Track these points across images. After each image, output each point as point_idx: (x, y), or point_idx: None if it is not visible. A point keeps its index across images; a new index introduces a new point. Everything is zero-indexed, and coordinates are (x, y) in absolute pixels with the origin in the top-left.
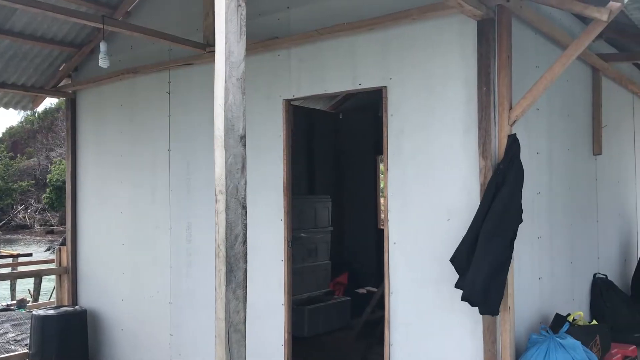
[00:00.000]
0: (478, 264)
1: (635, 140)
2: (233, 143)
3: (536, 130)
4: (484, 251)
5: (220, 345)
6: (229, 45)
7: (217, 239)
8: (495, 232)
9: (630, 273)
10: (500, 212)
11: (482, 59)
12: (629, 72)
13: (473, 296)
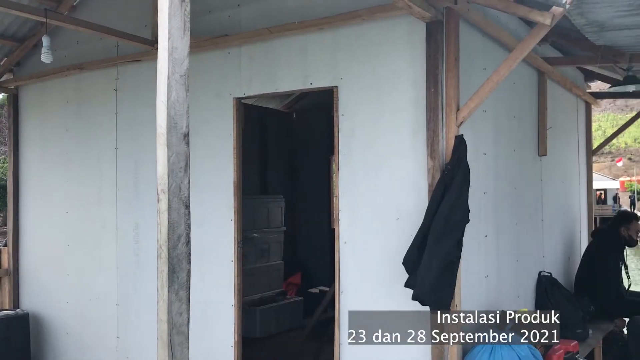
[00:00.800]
0: (427, 263)
1: (578, 142)
2: (176, 141)
3: (483, 131)
4: (433, 251)
5: (162, 347)
6: (172, 41)
7: (159, 240)
8: (444, 231)
9: (574, 271)
10: (447, 212)
11: (430, 60)
12: (573, 75)
13: (423, 295)
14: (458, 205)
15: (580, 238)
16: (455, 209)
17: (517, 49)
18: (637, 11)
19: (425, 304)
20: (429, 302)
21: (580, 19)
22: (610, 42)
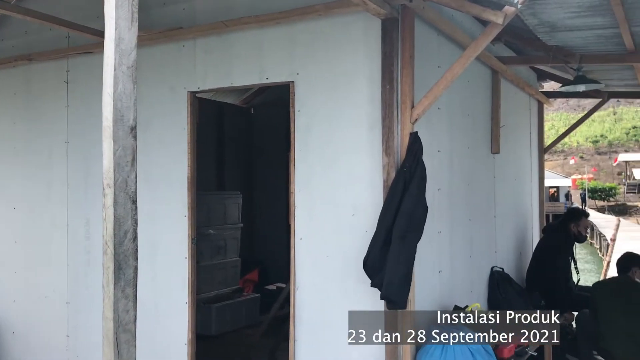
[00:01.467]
0: (394, 263)
1: (530, 140)
2: (122, 134)
3: (437, 128)
4: (400, 249)
5: (108, 346)
6: (119, 31)
7: (104, 235)
8: (408, 230)
9: (525, 266)
10: (411, 210)
11: (386, 57)
12: (526, 74)
13: (392, 295)
14: (419, 203)
15: (532, 234)
16: (417, 207)
17: (470, 47)
18: (586, 13)
19: (395, 305)
20: (399, 302)
21: (532, 19)
22: (561, 42)
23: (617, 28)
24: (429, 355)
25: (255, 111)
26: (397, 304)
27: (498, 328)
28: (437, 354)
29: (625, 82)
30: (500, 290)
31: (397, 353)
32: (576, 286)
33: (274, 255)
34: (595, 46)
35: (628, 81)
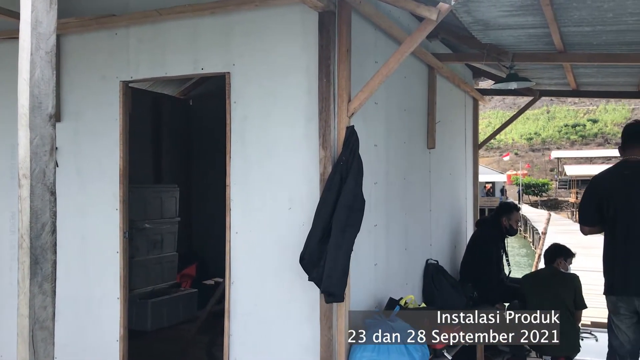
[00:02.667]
0: (334, 255)
1: (465, 136)
2: (40, 122)
3: (374, 123)
4: (339, 242)
5: (22, 344)
6: (35, 14)
7: (20, 229)
8: (348, 223)
9: (459, 258)
10: (349, 203)
11: (322, 50)
12: (462, 72)
13: (332, 287)
14: (357, 196)
15: (466, 227)
16: (355, 200)
17: (405, 43)
18: (518, 12)
19: (335, 298)
20: (339, 295)
21: (467, 17)
22: (495, 40)
23: (547, 28)
24: (363, 347)
25: (194, 103)
26: (336, 297)
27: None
28: (371, 346)
29: (555, 81)
30: (435, 282)
31: (331, 346)
32: (507, 278)
33: (212, 249)
34: (526, 45)
35: (558, 80)
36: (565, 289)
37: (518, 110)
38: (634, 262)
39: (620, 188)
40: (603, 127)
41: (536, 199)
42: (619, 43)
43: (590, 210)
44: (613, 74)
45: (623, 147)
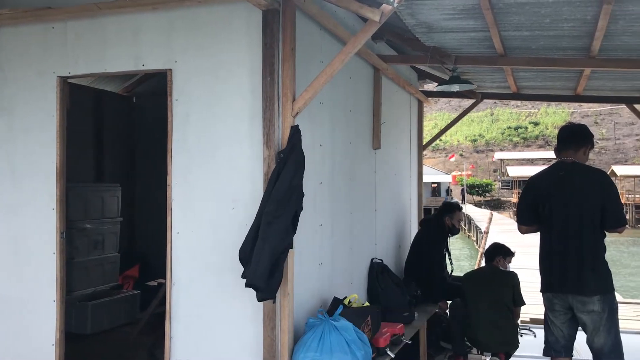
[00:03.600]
0: (259, 249)
1: (410, 137)
2: None
3: (319, 123)
4: (265, 236)
5: None
6: None
7: None
8: (275, 215)
9: (404, 257)
10: (279, 197)
11: (267, 49)
12: (407, 74)
13: (256, 279)
14: (290, 189)
15: (411, 227)
16: (287, 193)
17: (349, 43)
18: (460, 15)
19: (258, 290)
20: (262, 287)
21: (410, 19)
22: (438, 43)
23: (488, 31)
24: (306, 347)
25: (138, 100)
26: (263, 292)
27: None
28: (314, 346)
29: (497, 84)
30: (379, 281)
31: (274, 347)
32: (450, 276)
33: (156, 250)
34: (468, 48)
35: (500, 83)
36: (504, 287)
37: (461, 113)
38: (568, 260)
39: (556, 188)
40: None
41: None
42: (556, 48)
43: (527, 210)
44: (551, 78)
45: (558, 148)
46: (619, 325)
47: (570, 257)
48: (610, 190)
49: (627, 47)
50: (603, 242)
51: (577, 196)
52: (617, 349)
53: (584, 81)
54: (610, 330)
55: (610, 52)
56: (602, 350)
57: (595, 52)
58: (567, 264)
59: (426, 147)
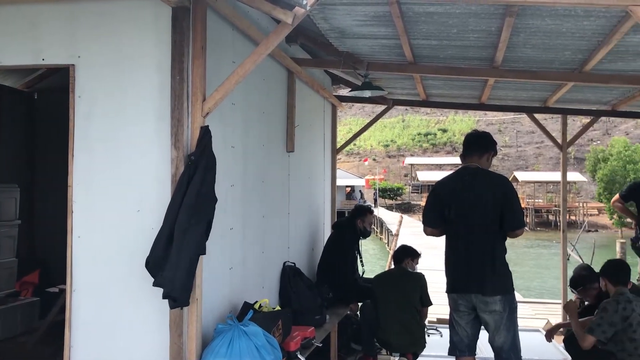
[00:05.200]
0: (176, 258)
1: (324, 140)
2: None
3: (231, 124)
4: (180, 246)
5: None
6: None
7: None
8: (191, 223)
9: (317, 260)
10: (193, 203)
11: (176, 47)
12: (321, 78)
13: (175, 292)
14: (204, 194)
15: (324, 230)
16: (201, 198)
17: (261, 44)
18: (372, 22)
19: (178, 303)
20: (181, 299)
21: (324, 24)
22: (351, 48)
23: (398, 39)
24: (215, 353)
25: (40, 96)
26: (180, 302)
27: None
28: (222, 352)
29: (407, 91)
30: (291, 284)
31: (182, 354)
32: (361, 278)
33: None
34: (380, 55)
35: (410, 90)
36: (412, 288)
37: (372, 118)
38: (471, 262)
39: (460, 192)
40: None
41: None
42: (462, 58)
43: (433, 213)
44: (458, 86)
45: (463, 155)
46: (517, 324)
47: (473, 259)
48: (511, 194)
49: (527, 59)
50: (504, 244)
51: (480, 200)
52: (516, 347)
53: (488, 90)
54: (510, 328)
55: (512, 63)
56: (503, 348)
57: (498, 63)
58: (470, 265)
59: (339, 151)
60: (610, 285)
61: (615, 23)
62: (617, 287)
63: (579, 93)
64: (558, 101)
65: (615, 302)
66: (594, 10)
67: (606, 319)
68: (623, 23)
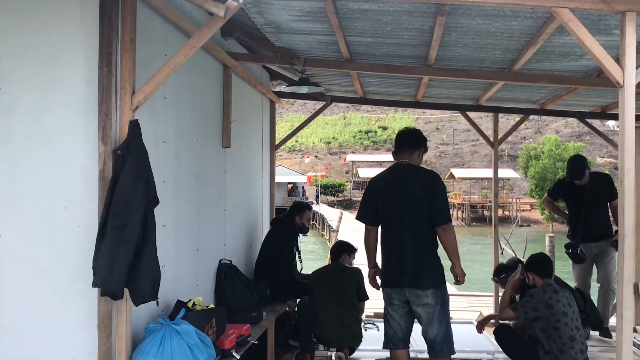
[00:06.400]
0: (113, 253)
1: (262, 137)
2: None
3: (163, 119)
4: (116, 240)
5: None
6: None
7: None
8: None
9: (255, 257)
10: (126, 197)
11: (103, 38)
12: (258, 73)
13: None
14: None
15: (262, 226)
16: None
17: (193, 37)
18: (307, 17)
19: (115, 297)
20: (119, 294)
21: (259, 18)
22: (287, 44)
23: (334, 35)
24: (145, 353)
25: None
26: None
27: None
28: (153, 351)
29: (345, 87)
30: (227, 282)
31: (111, 355)
32: (299, 274)
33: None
34: (317, 51)
35: (347, 87)
36: (349, 283)
37: (311, 115)
38: (404, 256)
39: (392, 189)
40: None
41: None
42: (397, 56)
43: (368, 209)
44: (394, 84)
45: (395, 152)
46: (449, 316)
47: (405, 254)
48: (438, 190)
49: (459, 58)
50: (435, 238)
51: (411, 196)
52: (449, 338)
53: (423, 88)
54: (443, 321)
55: (445, 61)
56: (435, 340)
57: (432, 61)
58: (403, 260)
59: (279, 147)
60: (538, 279)
61: (542, 24)
62: (544, 279)
63: (510, 92)
64: (490, 100)
65: (542, 291)
66: (521, 10)
67: (530, 303)
68: (549, 24)
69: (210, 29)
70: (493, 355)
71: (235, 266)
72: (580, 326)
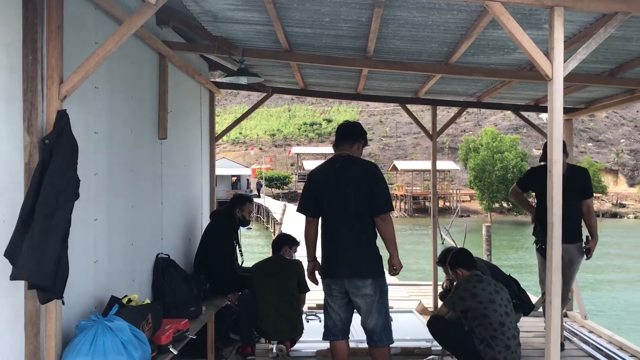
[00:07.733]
0: (41, 244)
1: (201, 127)
2: None
3: (94, 109)
4: (46, 230)
5: None
6: None
7: None
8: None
9: (194, 251)
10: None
11: (27, 24)
12: (197, 63)
13: (41, 280)
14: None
15: (202, 219)
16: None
17: (124, 25)
18: (244, 7)
19: (45, 290)
20: (50, 286)
21: (195, 6)
22: (225, 33)
23: (272, 26)
24: (76, 351)
25: None
26: (53, 292)
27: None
28: (85, 349)
29: (286, 79)
30: (165, 276)
31: (39, 354)
32: (240, 267)
33: None
34: (255, 41)
35: (288, 78)
36: (290, 275)
37: (251, 107)
38: (342, 247)
39: (332, 181)
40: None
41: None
42: (337, 47)
43: (308, 201)
44: (335, 76)
45: (336, 144)
46: (388, 306)
47: (344, 245)
48: (378, 179)
49: (397, 50)
50: (374, 229)
51: (350, 187)
52: (387, 328)
53: (363, 80)
54: (381, 311)
55: (384, 54)
56: (374, 330)
57: (370, 54)
58: (341, 251)
59: (219, 138)
60: (466, 272)
61: (476, 17)
62: (471, 271)
63: (447, 85)
64: (428, 92)
65: (467, 281)
66: (456, 4)
67: (457, 294)
68: (482, 17)
69: (141, 17)
70: (432, 343)
71: (174, 260)
72: (510, 312)
